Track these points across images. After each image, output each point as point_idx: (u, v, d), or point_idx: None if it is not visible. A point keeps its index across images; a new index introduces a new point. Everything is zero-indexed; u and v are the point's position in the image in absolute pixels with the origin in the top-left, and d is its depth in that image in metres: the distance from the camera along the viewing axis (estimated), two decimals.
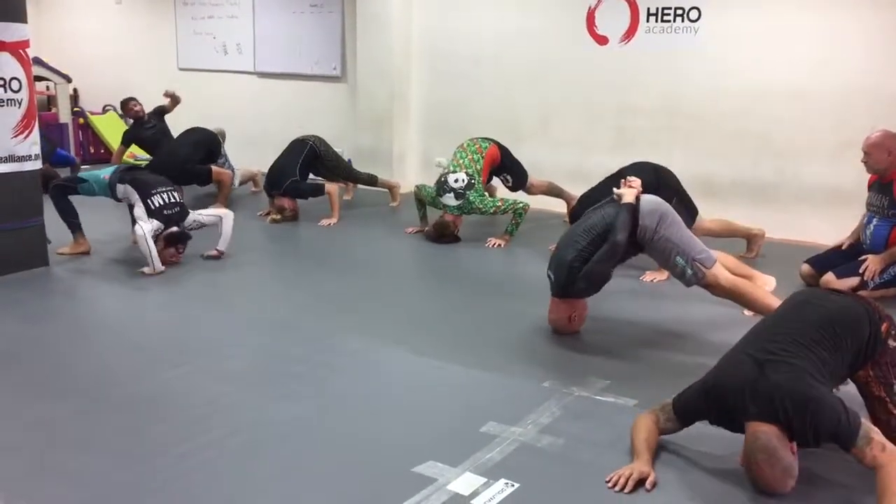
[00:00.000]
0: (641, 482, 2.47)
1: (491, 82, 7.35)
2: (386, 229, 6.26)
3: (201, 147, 7.03)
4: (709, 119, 6.29)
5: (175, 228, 4.98)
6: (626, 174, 5.04)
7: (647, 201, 3.79)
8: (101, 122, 9.37)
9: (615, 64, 6.64)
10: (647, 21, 6.46)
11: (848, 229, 4.88)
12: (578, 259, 3.69)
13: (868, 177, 4.65)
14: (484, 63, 7.36)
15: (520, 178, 6.18)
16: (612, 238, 3.64)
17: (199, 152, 6.96)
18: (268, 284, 4.93)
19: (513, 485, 2.49)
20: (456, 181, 5.74)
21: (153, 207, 4.91)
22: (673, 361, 3.58)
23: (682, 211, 4.22)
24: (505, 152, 6.10)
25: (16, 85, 4.72)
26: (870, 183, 4.66)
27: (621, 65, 6.61)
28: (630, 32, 6.55)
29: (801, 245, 5.69)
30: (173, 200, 5.03)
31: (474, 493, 2.43)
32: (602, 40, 6.69)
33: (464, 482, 2.50)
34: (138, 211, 4.92)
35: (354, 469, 2.60)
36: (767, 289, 4.01)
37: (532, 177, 6.25)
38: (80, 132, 9.20)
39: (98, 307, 4.47)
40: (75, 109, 9.40)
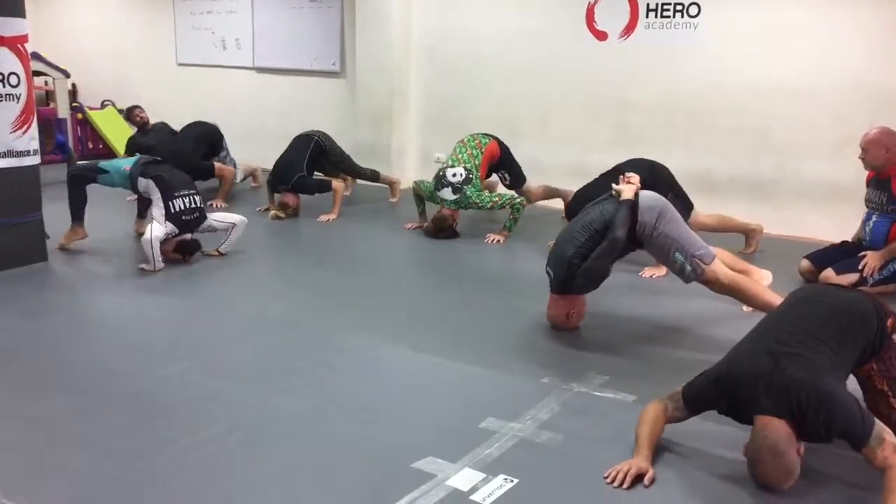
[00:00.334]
0: (640, 478, 2.47)
1: (490, 78, 7.34)
2: (385, 225, 6.26)
3: (203, 141, 7.04)
4: (708, 115, 6.29)
5: (188, 236, 4.96)
6: (622, 170, 5.07)
7: (646, 197, 3.78)
8: (100, 118, 9.35)
9: (614, 60, 6.63)
10: (647, 17, 6.45)
11: (847, 226, 4.88)
12: (577, 255, 3.68)
13: (867, 173, 4.65)
14: (483, 59, 7.35)
15: (517, 177, 6.19)
16: (611, 234, 3.64)
17: (201, 147, 6.97)
18: (267, 281, 4.92)
19: (512, 480, 2.49)
20: (454, 175, 5.74)
21: (173, 211, 4.86)
22: (672, 357, 3.58)
23: (677, 206, 4.21)
24: (504, 149, 6.10)
25: (14, 80, 4.72)
26: (868, 179, 4.66)
27: (621, 61, 6.60)
28: (629, 28, 6.54)
29: (801, 241, 5.69)
30: (193, 206, 4.99)
31: (473, 489, 2.44)
32: (601, 36, 6.68)
33: (463, 478, 2.50)
34: (156, 212, 4.87)
35: (354, 465, 2.60)
36: (765, 283, 4.03)
37: (529, 182, 6.24)
38: (78, 128, 9.17)
39: (97, 303, 4.47)
40: (74, 105, 9.37)
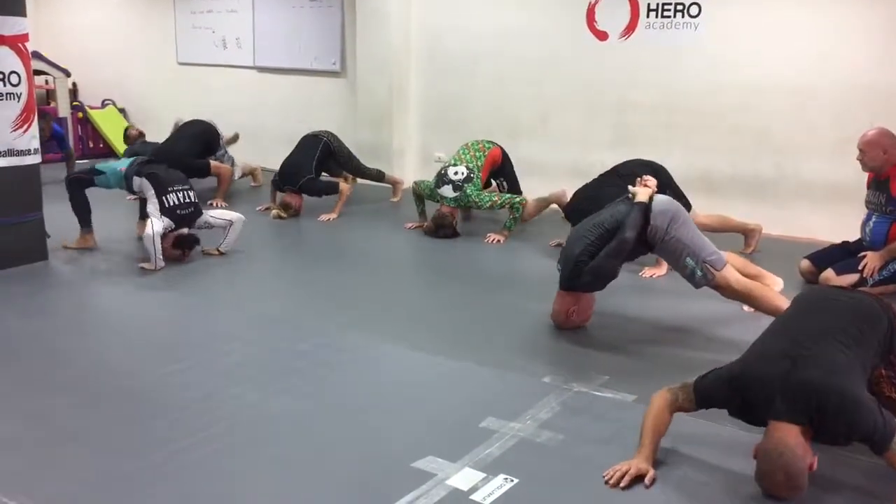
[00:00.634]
0: (640, 479, 2.46)
1: (490, 78, 7.34)
2: (386, 225, 6.26)
3: (198, 139, 7.00)
4: (708, 115, 6.28)
5: (186, 230, 4.97)
6: (621, 171, 5.08)
7: (660, 201, 3.79)
8: (101, 117, 9.35)
9: (615, 60, 6.63)
10: (647, 17, 6.44)
11: (847, 225, 4.87)
12: (586, 253, 3.71)
13: (867, 174, 4.65)
14: (483, 59, 7.35)
15: (514, 187, 6.21)
16: (620, 234, 3.65)
17: (196, 145, 6.94)
18: (267, 280, 4.92)
19: (512, 480, 2.49)
20: (455, 174, 5.75)
21: (167, 206, 4.89)
22: (673, 357, 3.58)
23: None
24: (506, 157, 6.16)
25: (15, 79, 4.72)
26: (868, 181, 4.66)
27: (621, 61, 6.60)
28: (630, 28, 6.54)
29: (801, 241, 5.69)
30: (188, 200, 5.01)
31: (473, 489, 2.44)
32: (602, 35, 6.68)
33: (463, 477, 2.50)
34: (151, 207, 4.90)
35: (354, 464, 2.60)
36: (776, 289, 3.99)
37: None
38: (79, 126, 9.18)
39: (97, 302, 4.47)
40: (74, 104, 9.38)
